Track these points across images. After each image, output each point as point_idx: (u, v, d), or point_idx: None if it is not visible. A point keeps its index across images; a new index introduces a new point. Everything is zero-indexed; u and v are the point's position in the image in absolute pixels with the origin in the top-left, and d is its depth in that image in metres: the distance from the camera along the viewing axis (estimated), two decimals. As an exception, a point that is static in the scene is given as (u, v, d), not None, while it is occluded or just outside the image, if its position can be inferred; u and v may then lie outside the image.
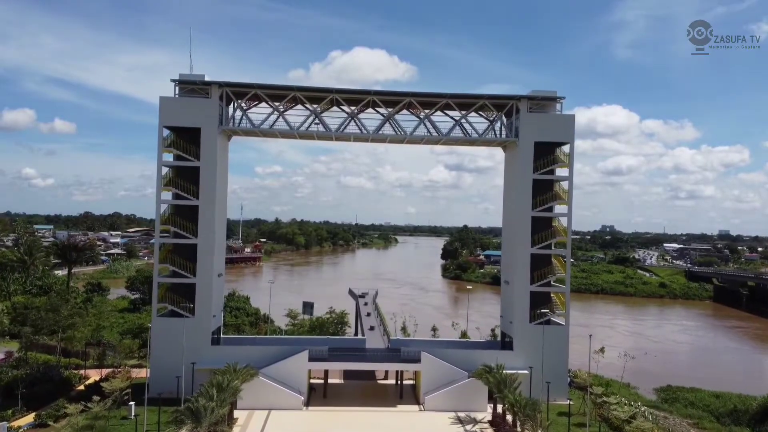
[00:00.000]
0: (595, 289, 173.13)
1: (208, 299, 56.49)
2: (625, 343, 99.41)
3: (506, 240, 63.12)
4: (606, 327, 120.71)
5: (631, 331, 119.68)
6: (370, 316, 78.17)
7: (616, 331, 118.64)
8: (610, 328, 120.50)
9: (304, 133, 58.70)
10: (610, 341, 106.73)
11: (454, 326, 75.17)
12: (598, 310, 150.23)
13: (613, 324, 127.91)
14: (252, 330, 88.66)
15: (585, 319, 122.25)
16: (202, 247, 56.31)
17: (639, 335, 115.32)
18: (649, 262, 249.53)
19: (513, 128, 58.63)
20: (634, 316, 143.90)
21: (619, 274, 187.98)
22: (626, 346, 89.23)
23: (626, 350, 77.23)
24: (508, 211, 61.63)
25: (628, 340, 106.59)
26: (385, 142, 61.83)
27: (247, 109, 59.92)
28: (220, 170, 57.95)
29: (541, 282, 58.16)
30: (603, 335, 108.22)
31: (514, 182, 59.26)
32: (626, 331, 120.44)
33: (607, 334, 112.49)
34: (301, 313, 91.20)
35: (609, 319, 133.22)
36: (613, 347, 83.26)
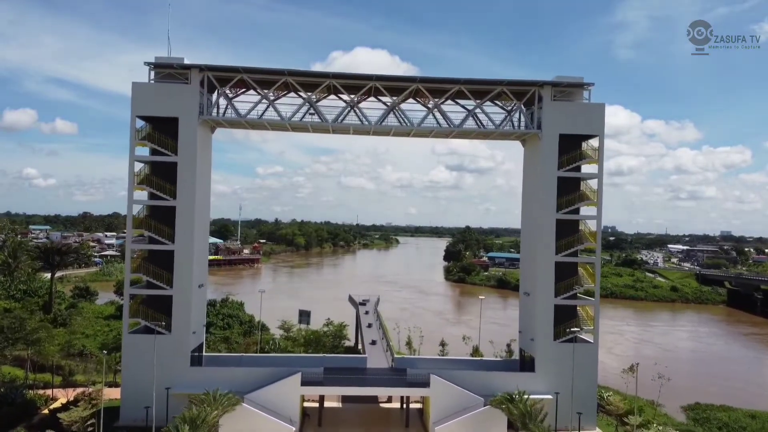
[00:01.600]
0: (605, 293, 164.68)
1: (186, 313, 48.83)
2: (642, 352, 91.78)
3: (526, 246, 55.29)
4: (615, 333, 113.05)
5: (644, 339, 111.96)
6: (371, 327, 70.41)
7: (625, 338, 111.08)
8: (620, 335, 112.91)
9: (296, 124, 51.02)
10: (622, 349, 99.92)
11: (465, 341, 67.40)
12: (606, 315, 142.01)
13: (622, 330, 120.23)
14: (241, 343, 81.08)
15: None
16: (180, 254, 48.65)
17: (653, 343, 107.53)
18: (653, 263, 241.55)
19: (535, 119, 50.88)
20: (646, 322, 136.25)
21: (628, 277, 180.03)
22: (643, 356, 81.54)
23: (656, 364, 69.38)
24: (529, 213, 53.85)
25: (644, 349, 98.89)
26: (389, 135, 54.07)
27: (233, 97, 52.34)
28: (201, 166, 50.32)
29: (567, 294, 50.44)
30: (612, 342, 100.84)
31: (536, 180, 51.52)
32: (639, 338, 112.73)
33: (616, 341, 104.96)
34: (297, 322, 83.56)
35: (619, 325, 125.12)
36: (626, 357, 75.87)
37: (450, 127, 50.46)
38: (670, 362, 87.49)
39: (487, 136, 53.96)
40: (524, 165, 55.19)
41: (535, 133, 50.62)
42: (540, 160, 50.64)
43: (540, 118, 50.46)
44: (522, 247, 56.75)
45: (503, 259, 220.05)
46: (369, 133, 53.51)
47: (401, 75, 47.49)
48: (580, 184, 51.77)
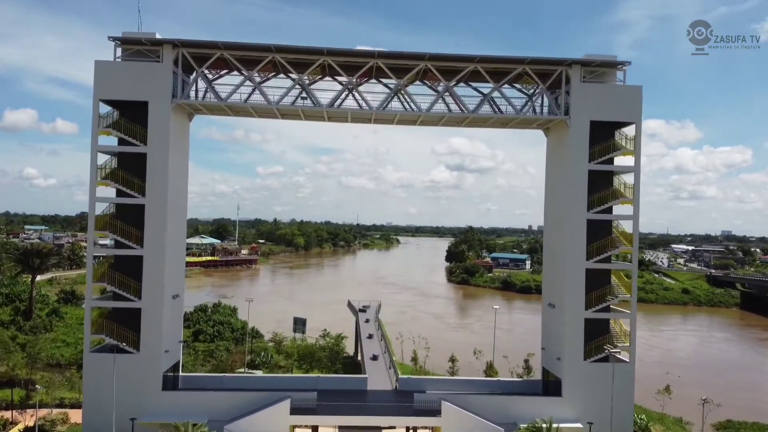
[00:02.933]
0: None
1: (157, 329, 41.49)
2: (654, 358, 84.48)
3: (550, 250, 47.80)
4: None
5: (652, 345, 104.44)
6: (372, 338, 63.11)
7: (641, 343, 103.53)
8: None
9: (286, 110, 43.62)
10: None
11: (477, 355, 59.95)
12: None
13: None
14: (232, 351, 73.80)
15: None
16: (150, 259, 41.30)
17: (663, 349, 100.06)
18: (660, 264, 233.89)
19: (561, 103, 43.47)
20: (656, 326, 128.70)
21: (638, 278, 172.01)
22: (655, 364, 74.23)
23: (668, 373, 62.24)
24: (554, 212, 46.42)
25: (655, 354, 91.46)
26: (392, 122, 46.66)
27: (214, 79, 45.03)
28: (176, 158, 42.97)
29: (599, 306, 43.06)
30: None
31: (563, 175, 44.13)
32: (648, 344, 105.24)
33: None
34: (292, 331, 76.43)
35: None
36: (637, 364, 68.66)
37: (463, 113, 43.00)
38: (684, 370, 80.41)
39: (505, 124, 46.50)
40: (547, 158, 47.79)
41: (562, 119, 43.22)
42: (568, 151, 43.26)
43: (568, 103, 43.07)
44: (545, 251, 49.27)
45: (507, 259, 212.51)
46: (370, 121, 46.16)
47: (407, 51, 39.97)
48: (613, 179, 44.43)
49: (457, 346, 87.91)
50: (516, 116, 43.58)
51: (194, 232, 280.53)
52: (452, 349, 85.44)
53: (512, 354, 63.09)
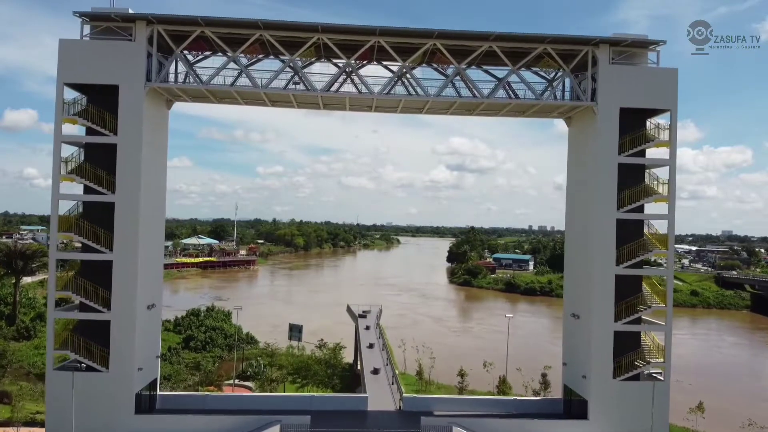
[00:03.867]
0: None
1: (129, 344, 36.16)
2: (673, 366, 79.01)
3: (573, 254, 42.35)
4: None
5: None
6: (373, 348, 57.78)
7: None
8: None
9: (276, 94, 38.24)
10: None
11: (487, 368, 54.55)
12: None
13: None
14: (224, 358, 68.69)
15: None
16: (121, 265, 35.97)
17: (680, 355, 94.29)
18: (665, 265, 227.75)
19: (588, 88, 38.12)
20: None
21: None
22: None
23: (678, 381, 56.41)
24: (578, 212, 41.03)
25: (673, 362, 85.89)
26: (396, 110, 41.30)
27: (195, 61, 39.72)
28: (151, 149, 37.70)
29: (630, 318, 37.74)
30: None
31: (589, 169, 38.78)
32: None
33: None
34: (288, 338, 71.21)
35: None
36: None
37: (476, 98, 37.62)
38: (696, 377, 74.91)
39: (522, 112, 41.05)
40: (570, 150, 42.45)
41: (589, 106, 37.87)
42: (594, 142, 37.94)
43: (594, 87, 37.78)
44: (567, 255, 43.81)
45: (510, 260, 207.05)
46: (371, 108, 40.81)
47: (413, 28, 34.63)
48: (645, 173, 39.14)
49: (462, 353, 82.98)
50: (536, 102, 38.17)
51: (192, 232, 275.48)
52: (457, 356, 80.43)
53: (524, 363, 57.71)
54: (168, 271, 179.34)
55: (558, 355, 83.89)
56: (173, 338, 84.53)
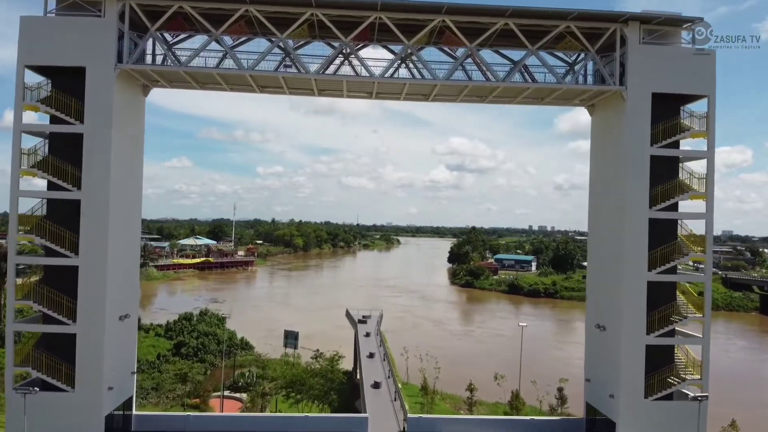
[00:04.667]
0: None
1: (96, 360, 31.71)
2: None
3: (597, 258, 37.72)
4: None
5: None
6: (373, 358, 53.32)
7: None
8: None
9: (264, 77, 33.75)
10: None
11: (498, 381, 50.04)
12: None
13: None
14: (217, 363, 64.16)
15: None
16: (87, 272, 31.53)
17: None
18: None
19: (616, 71, 33.63)
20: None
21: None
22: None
23: None
24: (603, 211, 36.50)
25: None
26: (400, 96, 36.72)
27: (175, 42, 35.25)
28: (124, 140, 33.23)
29: (664, 330, 33.24)
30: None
31: (617, 162, 34.30)
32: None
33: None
34: (283, 345, 66.75)
35: None
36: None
37: (491, 82, 33.10)
38: (713, 385, 70.14)
39: (541, 98, 36.50)
40: (593, 143, 37.91)
41: (617, 91, 33.42)
42: (623, 131, 33.47)
43: (623, 70, 33.34)
44: (590, 259, 39.14)
45: (512, 261, 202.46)
46: (371, 95, 36.29)
47: (419, 2, 30.20)
48: (679, 167, 34.68)
49: (467, 360, 78.60)
50: (558, 87, 33.67)
51: (190, 232, 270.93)
52: (462, 363, 76.06)
53: (532, 369, 53.06)
54: (164, 273, 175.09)
55: (565, 360, 79.74)
56: (164, 344, 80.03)
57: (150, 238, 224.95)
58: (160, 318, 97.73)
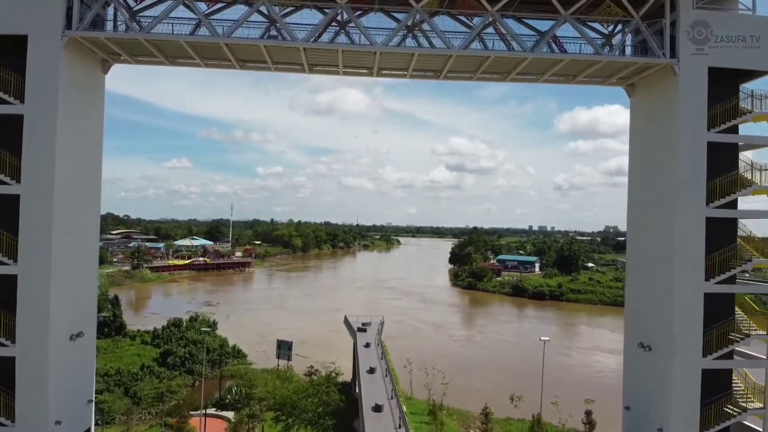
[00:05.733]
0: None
1: (41, 389, 25.96)
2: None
3: (639, 264, 31.79)
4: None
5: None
6: (374, 373, 47.48)
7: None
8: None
9: (243, 47, 27.97)
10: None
11: (515, 402, 44.14)
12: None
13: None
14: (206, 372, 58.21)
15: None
16: (28, 282, 25.76)
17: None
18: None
19: (666, 43, 27.86)
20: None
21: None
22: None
23: None
24: (647, 208, 30.64)
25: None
26: (406, 73, 30.84)
27: (139, 9, 29.42)
28: (76, 124, 27.46)
29: (723, 351, 27.51)
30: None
31: (665, 150, 28.53)
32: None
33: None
34: (275, 356, 61.01)
35: None
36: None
37: (518, 52, 27.31)
38: None
39: (574, 75, 30.62)
40: (632, 128, 32.09)
41: (667, 64, 27.68)
42: (674, 113, 27.75)
43: (674, 41, 27.60)
44: (630, 266, 33.21)
45: (515, 262, 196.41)
46: (371, 72, 30.43)
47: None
48: (738, 157, 28.96)
49: (475, 369, 73.01)
50: (597, 58, 27.86)
51: (188, 233, 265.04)
52: (469, 371, 70.52)
53: (538, 380, 47.04)
54: (159, 275, 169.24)
55: (576, 369, 74.00)
56: (150, 353, 74.21)
57: (145, 238, 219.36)
58: (152, 323, 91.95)
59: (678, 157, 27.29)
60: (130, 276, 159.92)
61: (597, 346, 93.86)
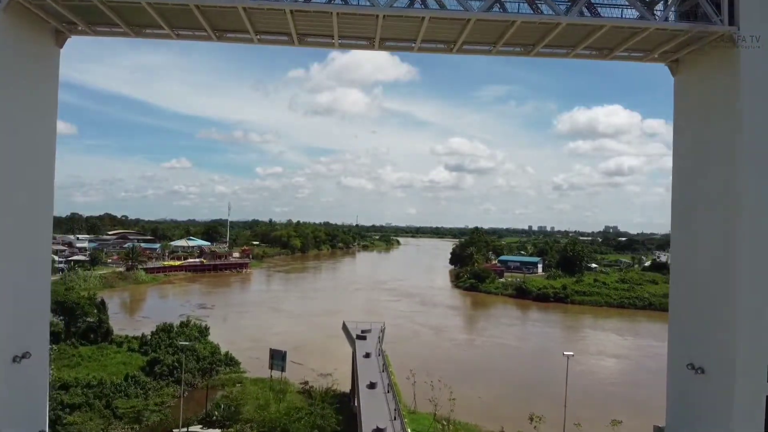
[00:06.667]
0: (641, 303, 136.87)
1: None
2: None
3: (688, 268, 26.83)
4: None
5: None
6: (375, 388, 42.80)
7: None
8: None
9: (216, 9, 23.15)
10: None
11: (535, 423, 39.45)
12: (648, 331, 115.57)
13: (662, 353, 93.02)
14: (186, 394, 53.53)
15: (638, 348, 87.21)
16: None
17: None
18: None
19: (724, 9, 23.14)
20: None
21: (664, 285, 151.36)
22: None
23: None
24: (700, 208, 25.79)
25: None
26: (413, 46, 26.03)
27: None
28: (18, 103, 22.73)
29: (794, 374, 22.81)
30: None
31: (725, 136, 23.77)
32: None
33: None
34: (268, 367, 56.28)
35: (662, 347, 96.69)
36: None
37: (550, 15, 22.58)
38: None
39: (611, 48, 25.79)
40: (679, 111, 27.28)
41: (726, 32, 22.98)
42: (732, 94, 23.04)
43: (733, 4, 22.92)
44: (674, 272, 28.27)
45: (518, 263, 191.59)
46: (372, 44, 25.62)
47: None
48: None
49: (481, 377, 68.46)
50: (643, 25, 23.11)
51: (185, 233, 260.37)
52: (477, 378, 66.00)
53: (548, 391, 42.44)
54: (154, 276, 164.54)
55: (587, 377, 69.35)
56: (137, 361, 69.50)
57: (141, 239, 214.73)
58: (143, 328, 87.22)
59: (739, 147, 22.60)
60: (124, 277, 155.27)
61: (601, 350, 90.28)
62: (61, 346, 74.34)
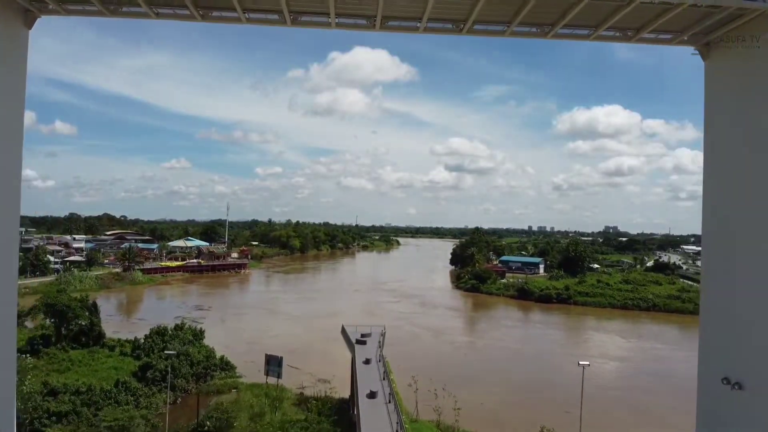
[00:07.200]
0: (645, 305, 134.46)
1: None
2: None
3: (723, 272, 24.18)
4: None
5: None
6: (375, 398, 40.28)
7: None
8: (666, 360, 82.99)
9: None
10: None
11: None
12: (650, 333, 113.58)
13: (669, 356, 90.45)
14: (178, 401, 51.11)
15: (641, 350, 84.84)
16: None
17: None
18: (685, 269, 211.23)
19: (763, -20, 20.70)
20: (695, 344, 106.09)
21: (668, 286, 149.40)
22: None
23: None
24: (733, 206, 23.17)
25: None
26: (418, 26, 23.39)
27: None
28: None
29: None
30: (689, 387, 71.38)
31: (762, 132, 21.24)
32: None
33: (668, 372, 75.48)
34: (264, 373, 53.92)
35: (673, 350, 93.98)
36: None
37: (572, -8, 20.11)
38: None
39: (637, 29, 23.24)
40: (710, 99, 24.71)
41: (764, 11, 20.50)
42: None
43: (776, -22, 20.45)
44: (705, 278, 25.74)
45: (519, 263, 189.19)
46: (373, 23, 22.97)
47: None
48: None
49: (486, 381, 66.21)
50: (674, 2, 20.58)
51: (184, 233, 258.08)
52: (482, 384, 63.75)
53: (553, 396, 40.07)
54: (151, 277, 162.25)
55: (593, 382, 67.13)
56: (129, 365, 67.11)
57: (139, 239, 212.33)
58: (137, 330, 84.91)
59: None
60: (121, 278, 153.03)
61: (604, 353, 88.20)
62: (51, 349, 72.04)
